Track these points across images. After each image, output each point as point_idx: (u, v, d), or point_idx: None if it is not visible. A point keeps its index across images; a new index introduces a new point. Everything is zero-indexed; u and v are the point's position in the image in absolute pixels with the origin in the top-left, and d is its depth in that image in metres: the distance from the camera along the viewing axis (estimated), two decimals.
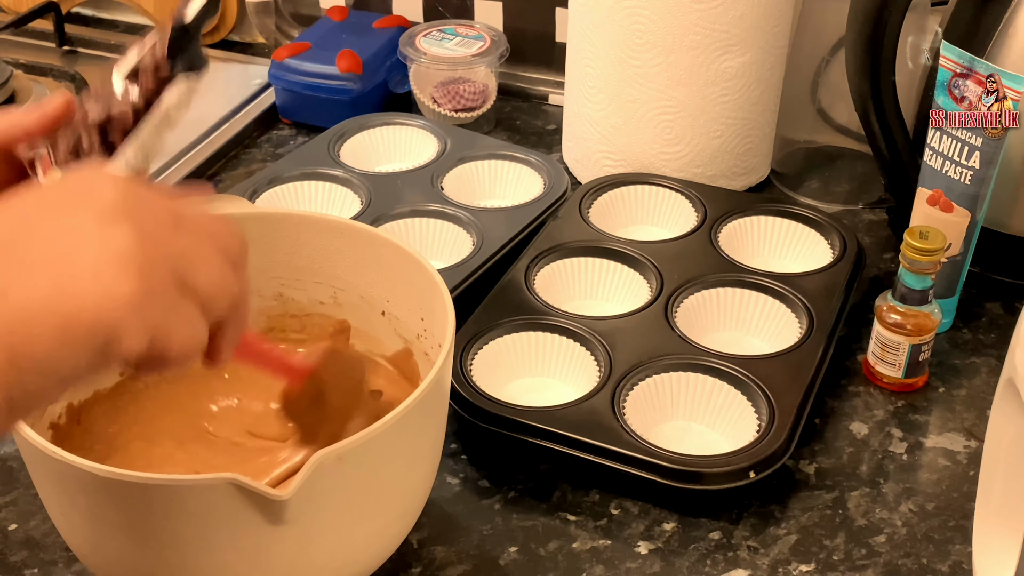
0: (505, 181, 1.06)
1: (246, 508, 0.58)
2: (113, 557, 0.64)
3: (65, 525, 0.66)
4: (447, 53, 1.18)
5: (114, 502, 0.60)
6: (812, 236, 0.98)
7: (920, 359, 0.87)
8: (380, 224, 0.96)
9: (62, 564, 0.74)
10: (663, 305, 0.89)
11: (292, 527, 0.60)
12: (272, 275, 0.80)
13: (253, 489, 0.57)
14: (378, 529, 0.67)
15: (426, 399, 0.63)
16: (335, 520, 0.62)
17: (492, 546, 0.76)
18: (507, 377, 0.85)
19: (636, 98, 1.03)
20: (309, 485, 0.57)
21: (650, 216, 1.02)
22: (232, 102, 1.22)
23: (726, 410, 0.82)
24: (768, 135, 1.09)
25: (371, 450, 0.61)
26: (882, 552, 0.75)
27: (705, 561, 0.75)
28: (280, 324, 0.81)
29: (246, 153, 1.18)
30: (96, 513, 0.62)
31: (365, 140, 1.10)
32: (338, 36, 1.23)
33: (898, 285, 0.85)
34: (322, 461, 0.58)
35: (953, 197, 0.87)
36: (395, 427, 0.61)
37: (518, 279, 0.91)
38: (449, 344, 0.66)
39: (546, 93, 1.26)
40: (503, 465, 0.81)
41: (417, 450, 0.67)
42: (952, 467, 0.82)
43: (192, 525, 0.60)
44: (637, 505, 0.78)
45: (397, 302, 0.77)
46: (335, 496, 0.61)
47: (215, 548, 0.61)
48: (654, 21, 0.99)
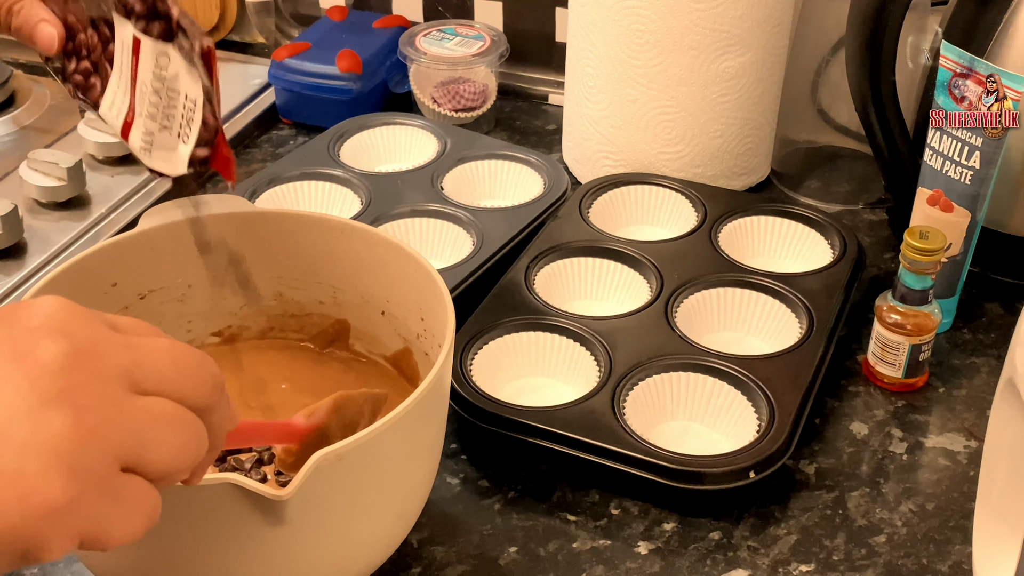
0: (505, 181, 1.06)
1: (246, 509, 0.58)
2: (113, 557, 0.64)
3: None
4: (447, 53, 1.18)
5: None
6: (812, 236, 0.98)
7: (920, 359, 0.87)
8: (380, 224, 0.96)
9: (62, 564, 0.74)
10: (663, 305, 0.89)
11: (292, 527, 0.60)
12: (272, 275, 0.80)
13: (253, 490, 0.57)
14: (378, 529, 0.67)
15: (426, 399, 0.63)
16: (335, 520, 0.62)
17: (492, 546, 0.76)
18: (507, 377, 0.85)
19: (636, 98, 1.03)
20: (309, 485, 0.57)
21: (650, 216, 1.02)
22: (232, 102, 1.22)
23: (726, 410, 0.82)
24: (768, 135, 1.09)
25: (371, 450, 0.61)
26: (882, 552, 0.75)
27: (705, 561, 0.75)
28: (280, 324, 0.81)
29: (246, 153, 1.18)
30: None
31: (365, 140, 1.10)
32: (338, 36, 1.23)
33: (898, 285, 0.85)
34: (322, 461, 0.58)
35: (953, 197, 0.87)
36: (395, 427, 0.61)
37: (518, 279, 0.91)
38: (449, 344, 0.66)
39: (546, 93, 1.26)
40: (503, 465, 0.81)
41: (417, 450, 0.67)
42: (952, 467, 0.82)
43: (192, 526, 0.60)
44: (637, 505, 0.78)
45: (397, 302, 0.77)
46: (335, 496, 0.61)
47: (215, 549, 0.61)
48: (654, 21, 0.99)
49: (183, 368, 0.45)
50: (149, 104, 0.66)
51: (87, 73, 0.70)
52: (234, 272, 0.75)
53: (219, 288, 0.78)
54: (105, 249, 0.74)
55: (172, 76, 0.65)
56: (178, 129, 0.66)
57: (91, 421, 0.41)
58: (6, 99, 1.20)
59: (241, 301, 0.80)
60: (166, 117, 0.66)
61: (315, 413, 0.63)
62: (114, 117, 0.69)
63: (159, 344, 0.45)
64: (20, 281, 0.96)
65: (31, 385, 0.40)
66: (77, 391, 0.41)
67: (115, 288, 0.75)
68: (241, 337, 0.82)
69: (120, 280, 0.75)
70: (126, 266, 0.75)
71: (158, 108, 0.66)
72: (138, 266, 0.76)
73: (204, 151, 0.66)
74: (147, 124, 0.67)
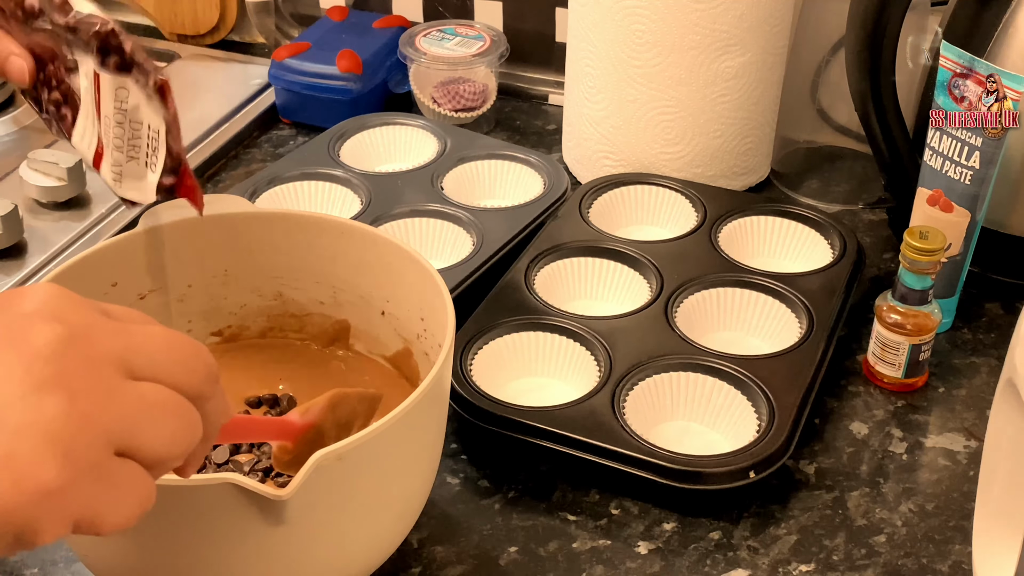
0: (505, 181, 1.06)
1: (246, 508, 0.58)
2: (113, 557, 0.64)
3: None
4: (447, 53, 1.18)
5: None
6: (812, 236, 0.98)
7: (920, 359, 0.87)
8: (380, 224, 0.96)
9: (62, 564, 0.74)
10: (663, 305, 0.89)
11: (292, 527, 0.60)
12: (272, 275, 0.80)
13: (253, 490, 0.57)
14: (378, 529, 0.67)
15: (425, 399, 0.63)
16: (335, 520, 0.62)
17: (492, 546, 0.76)
18: (507, 377, 0.85)
19: (636, 98, 1.03)
20: (309, 485, 0.57)
21: (650, 216, 1.02)
22: (232, 102, 1.22)
23: (726, 410, 0.82)
24: (768, 135, 1.09)
25: (371, 450, 0.61)
26: (882, 552, 0.75)
27: (705, 561, 0.75)
28: (280, 324, 0.81)
29: (246, 153, 1.18)
30: None
31: (365, 140, 1.10)
32: (338, 36, 1.23)
33: (898, 285, 0.85)
34: (321, 461, 0.58)
35: (953, 197, 0.87)
36: (395, 427, 0.61)
37: (518, 279, 0.91)
38: (449, 344, 0.66)
39: (546, 93, 1.26)
40: (503, 465, 0.81)
41: (417, 450, 0.67)
42: (952, 467, 0.82)
43: (192, 525, 0.60)
44: (637, 505, 0.78)
45: (397, 302, 0.77)
46: (335, 496, 0.61)
47: (215, 548, 0.61)
48: (654, 21, 0.99)
49: (177, 355, 0.45)
50: (114, 136, 0.67)
51: (58, 104, 0.71)
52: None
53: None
54: (105, 249, 0.74)
55: (133, 108, 0.66)
56: (145, 159, 0.67)
57: (85, 405, 0.41)
58: (6, 99, 1.20)
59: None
60: (132, 148, 0.67)
61: (310, 411, 0.63)
62: (85, 148, 0.70)
63: (153, 331, 0.45)
64: (20, 281, 0.96)
65: (25, 370, 0.40)
66: (71, 376, 0.41)
67: (115, 288, 0.75)
68: (241, 337, 0.82)
69: (120, 280, 0.75)
70: (126, 266, 0.75)
71: (123, 140, 0.67)
72: (138, 266, 0.76)
73: (170, 179, 0.68)
74: (115, 155, 0.68)
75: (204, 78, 1.29)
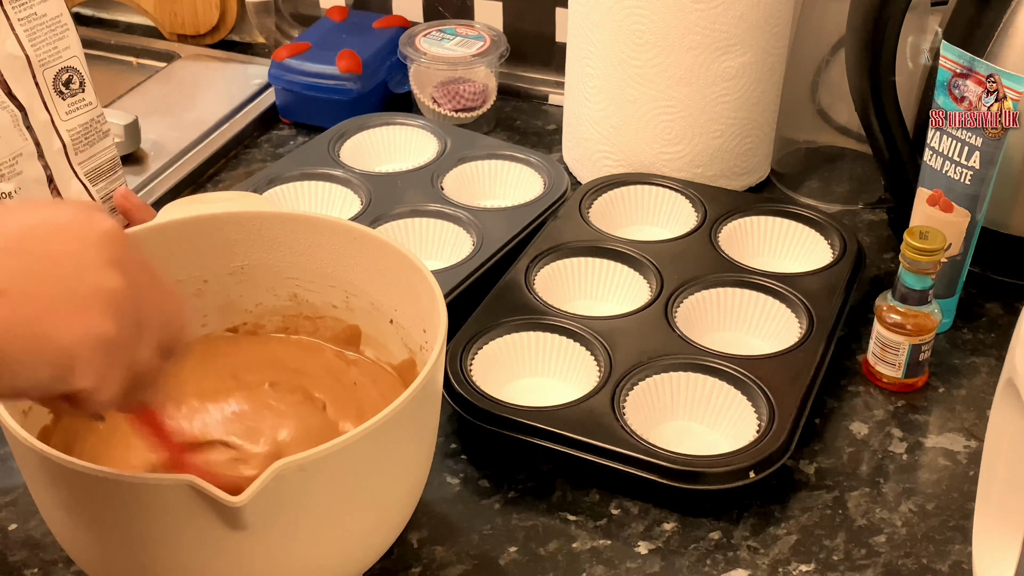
0: (505, 181, 1.06)
1: (204, 511, 0.58)
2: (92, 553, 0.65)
3: (45, 517, 0.67)
4: (447, 53, 1.18)
5: (83, 495, 0.60)
6: (812, 236, 0.98)
7: (920, 359, 0.87)
8: (380, 224, 0.96)
9: (62, 564, 0.74)
10: (663, 305, 0.89)
11: (254, 533, 0.59)
12: (288, 275, 0.79)
13: (207, 492, 0.57)
14: (352, 540, 0.66)
15: (402, 414, 0.62)
16: (301, 529, 0.62)
17: (492, 546, 0.76)
18: (507, 377, 0.85)
19: (636, 98, 1.03)
20: (267, 493, 0.57)
21: (650, 216, 1.02)
22: (232, 102, 1.22)
23: (726, 410, 0.82)
24: (768, 135, 1.09)
25: (337, 463, 0.60)
26: (882, 552, 0.76)
27: (705, 561, 0.75)
28: (294, 324, 0.81)
29: (246, 153, 1.18)
30: (69, 505, 0.62)
31: (365, 140, 1.10)
32: (338, 36, 1.23)
33: (898, 285, 0.85)
34: (282, 470, 0.57)
35: (953, 197, 0.87)
36: (364, 441, 0.60)
37: (518, 279, 0.91)
38: (439, 349, 0.66)
39: (546, 93, 1.26)
40: (503, 465, 0.81)
41: (394, 464, 0.65)
42: (952, 467, 0.82)
43: (154, 523, 0.60)
44: (637, 505, 0.78)
45: (404, 312, 0.76)
46: (299, 506, 0.60)
47: (178, 548, 0.61)
48: (654, 21, 0.99)
49: (179, 307, 0.56)
50: None
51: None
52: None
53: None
54: None
55: None
56: None
57: (133, 293, 0.51)
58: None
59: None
60: None
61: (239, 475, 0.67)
62: None
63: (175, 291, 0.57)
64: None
65: (98, 248, 0.50)
66: (126, 263, 0.51)
67: None
68: (256, 335, 0.82)
69: None
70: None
71: None
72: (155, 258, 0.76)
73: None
74: None
75: (204, 78, 1.29)
